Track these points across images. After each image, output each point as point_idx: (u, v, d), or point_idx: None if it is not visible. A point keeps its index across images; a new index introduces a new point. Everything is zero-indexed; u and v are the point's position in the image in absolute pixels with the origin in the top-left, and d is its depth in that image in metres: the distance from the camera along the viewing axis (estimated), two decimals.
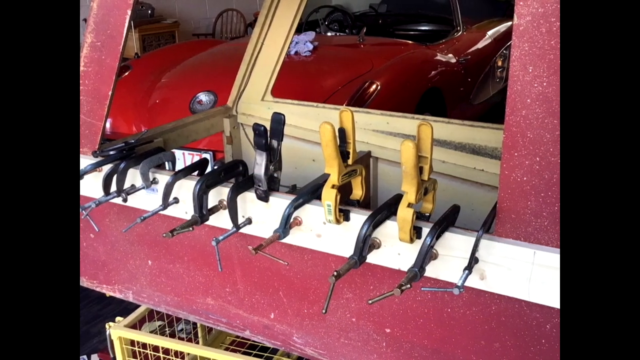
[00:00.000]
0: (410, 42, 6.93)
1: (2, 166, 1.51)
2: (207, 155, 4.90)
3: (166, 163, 2.43)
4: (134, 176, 2.31)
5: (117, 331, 2.85)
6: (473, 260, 1.70)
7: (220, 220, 2.18)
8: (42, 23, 1.62)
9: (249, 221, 2.11)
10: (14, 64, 1.55)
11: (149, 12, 10.77)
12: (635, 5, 1.35)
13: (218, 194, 2.15)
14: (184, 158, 4.97)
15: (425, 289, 1.84)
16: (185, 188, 2.20)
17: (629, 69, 1.35)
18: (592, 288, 1.32)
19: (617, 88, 1.37)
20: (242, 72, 3.66)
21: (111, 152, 2.42)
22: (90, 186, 2.42)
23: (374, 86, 5.50)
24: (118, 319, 2.92)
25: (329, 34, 7.41)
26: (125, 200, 2.29)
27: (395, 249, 1.86)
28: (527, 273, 1.67)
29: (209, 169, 2.30)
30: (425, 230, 1.77)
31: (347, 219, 1.92)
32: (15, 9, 1.57)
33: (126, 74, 6.08)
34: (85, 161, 2.40)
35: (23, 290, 1.48)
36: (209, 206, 2.14)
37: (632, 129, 1.34)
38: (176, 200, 2.23)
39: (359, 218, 1.88)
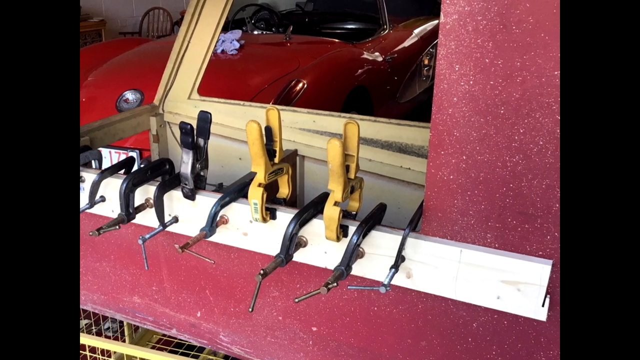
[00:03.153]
0: (336, 40, 6.95)
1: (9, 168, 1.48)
2: (134, 154, 4.85)
3: (93, 161, 2.41)
4: None
5: None
6: (399, 258, 1.72)
7: (147, 218, 2.16)
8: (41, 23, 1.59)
9: (175, 219, 2.10)
10: (15, 64, 1.52)
11: None
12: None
13: (144, 193, 2.14)
14: (110, 156, 4.91)
15: (352, 287, 1.85)
16: (112, 186, 2.17)
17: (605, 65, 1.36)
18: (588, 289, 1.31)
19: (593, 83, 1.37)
20: (169, 70, 3.64)
21: None
22: None
23: (300, 85, 5.50)
24: None
25: (255, 32, 7.39)
26: None
27: (321, 248, 1.86)
28: (454, 271, 1.69)
29: (135, 168, 2.28)
30: (352, 229, 1.77)
31: (273, 217, 1.92)
32: (14, 9, 1.54)
33: None
34: None
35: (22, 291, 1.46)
36: (136, 204, 2.12)
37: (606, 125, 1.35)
38: (103, 199, 2.21)
39: (285, 216, 1.88)
